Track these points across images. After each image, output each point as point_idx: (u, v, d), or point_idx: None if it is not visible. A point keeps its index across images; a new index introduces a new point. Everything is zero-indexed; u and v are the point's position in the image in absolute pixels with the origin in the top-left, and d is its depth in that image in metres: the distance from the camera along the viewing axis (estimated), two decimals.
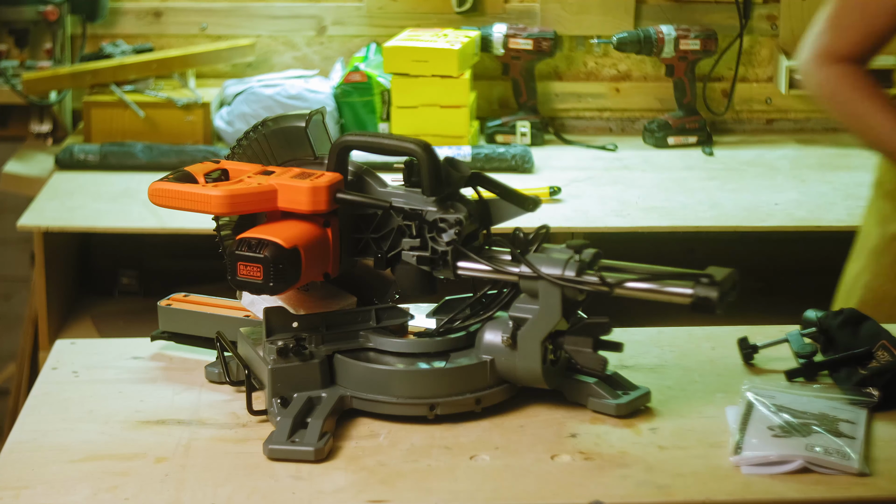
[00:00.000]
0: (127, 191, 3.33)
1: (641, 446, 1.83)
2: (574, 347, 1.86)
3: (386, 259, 1.94)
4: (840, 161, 3.63)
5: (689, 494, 1.71)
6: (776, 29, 3.84)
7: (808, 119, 3.92)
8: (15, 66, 3.76)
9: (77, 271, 3.69)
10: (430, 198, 1.91)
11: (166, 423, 1.89)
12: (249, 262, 1.85)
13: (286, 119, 2.03)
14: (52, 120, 3.79)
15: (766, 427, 1.83)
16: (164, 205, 1.93)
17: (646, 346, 2.14)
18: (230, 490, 1.71)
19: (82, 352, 2.12)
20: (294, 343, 1.89)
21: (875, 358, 2.00)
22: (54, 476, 1.75)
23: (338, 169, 1.94)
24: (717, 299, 1.77)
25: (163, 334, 2.11)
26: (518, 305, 1.87)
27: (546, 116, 3.82)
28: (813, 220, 3.20)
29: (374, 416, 1.89)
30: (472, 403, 1.88)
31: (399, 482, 1.74)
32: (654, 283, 1.81)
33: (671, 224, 3.17)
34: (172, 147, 3.51)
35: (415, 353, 1.91)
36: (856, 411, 1.89)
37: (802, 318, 2.14)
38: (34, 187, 3.44)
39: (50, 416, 1.91)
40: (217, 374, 1.99)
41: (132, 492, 1.71)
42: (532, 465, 1.78)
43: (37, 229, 3.19)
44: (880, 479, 1.74)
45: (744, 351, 2.09)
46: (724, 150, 3.73)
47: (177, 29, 3.89)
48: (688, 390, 1.99)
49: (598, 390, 1.90)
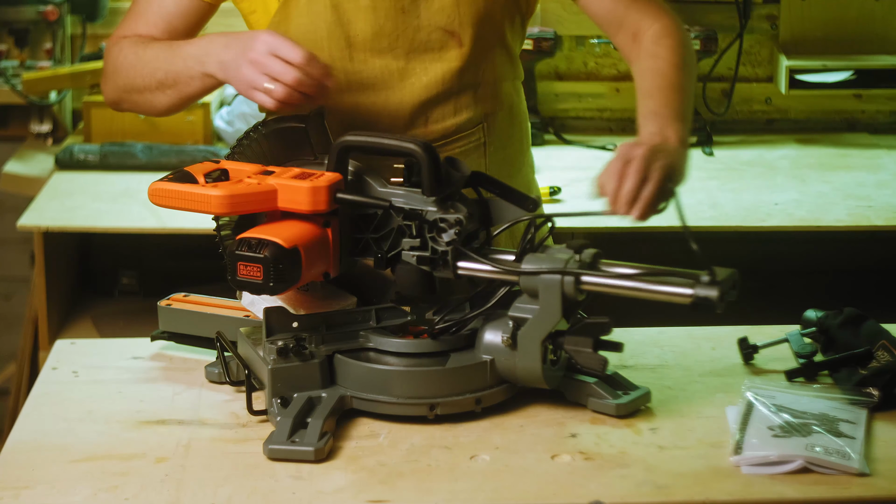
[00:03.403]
0: (127, 191, 3.33)
1: (641, 446, 1.83)
2: (574, 347, 1.86)
3: (386, 259, 1.94)
4: (840, 161, 3.63)
5: (689, 494, 1.71)
6: (776, 29, 3.84)
7: (808, 119, 3.92)
8: (15, 66, 3.76)
9: (77, 271, 3.69)
10: (430, 198, 1.91)
11: (166, 423, 1.89)
12: (249, 262, 1.85)
13: (286, 119, 2.04)
14: (52, 120, 3.79)
15: (767, 427, 1.83)
16: (164, 205, 1.93)
17: (646, 346, 2.14)
18: (230, 490, 1.71)
19: (82, 352, 2.12)
20: (294, 343, 1.89)
21: (875, 358, 2.00)
22: (54, 476, 1.75)
23: (338, 169, 1.94)
24: (717, 299, 1.77)
25: (163, 334, 2.11)
26: (518, 305, 1.87)
27: (546, 116, 3.82)
28: (813, 220, 3.20)
29: (374, 416, 1.89)
30: (472, 403, 1.88)
31: (399, 482, 1.73)
32: (655, 284, 1.81)
33: (671, 224, 3.16)
34: (172, 147, 3.51)
35: (415, 353, 1.90)
36: (856, 411, 1.89)
37: (802, 318, 2.14)
38: (34, 187, 3.44)
39: (50, 416, 1.91)
40: (217, 374, 1.99)
41: (132, 492, 1.71)
42: (532, 465, 1.78)
43: (37, 229, 3.19)
44: (880, 479, 1.74)
45: (744, 351, 2.09)
46: (724, 150, 3.73)
47: None
48: (688, 390, 1.99)
49: (598, 390, 1.90)
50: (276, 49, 1.97)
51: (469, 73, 2.15)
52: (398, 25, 2.11)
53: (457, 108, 2.15)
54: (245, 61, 1.99)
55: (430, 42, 2.12)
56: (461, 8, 2.12)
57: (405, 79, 2.13)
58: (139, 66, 2.15)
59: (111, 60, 2.20)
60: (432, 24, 2.12)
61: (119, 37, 2.22)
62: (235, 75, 2.01)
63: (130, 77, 2.16)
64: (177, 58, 2.11)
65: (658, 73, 2.10)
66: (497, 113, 2.20)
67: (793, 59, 3.71)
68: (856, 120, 3.91)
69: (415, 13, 2.11)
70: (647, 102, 2.08)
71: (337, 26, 2.11)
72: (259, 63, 1.97)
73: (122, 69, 2.17)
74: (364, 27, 2.11)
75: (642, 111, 2.07)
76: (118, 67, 2.18)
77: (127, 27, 2.23)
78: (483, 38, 2.15)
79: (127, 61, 2.17)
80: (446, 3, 2.12)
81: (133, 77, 2.16)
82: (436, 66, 2.13)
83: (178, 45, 2.13)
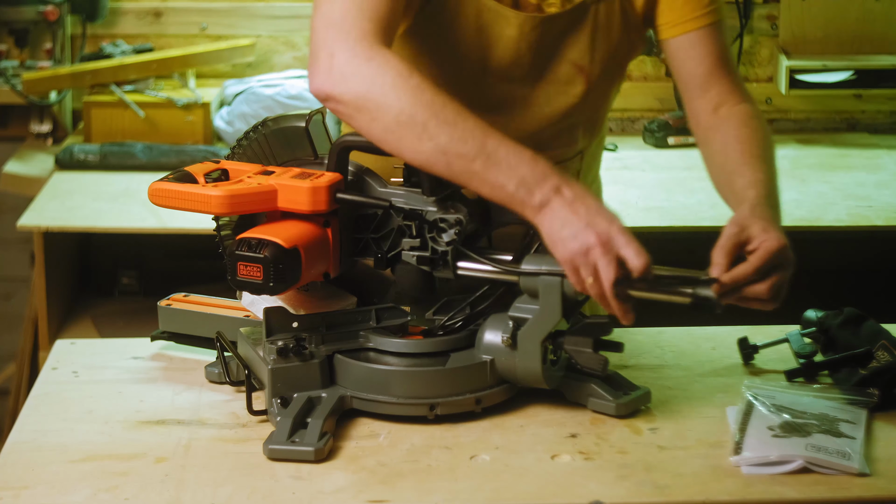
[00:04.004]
0: (127, 191, 3.33)
1: (641, 446, 1.83)
2: (574, 347, 1.86)
3: (386, 259, 1.94)
4: (840, 161, 3.64)
5: (689, 494, 1.71)
6: (776, 29, 3.84)
7: (808, 119, 3.92)
8: (15, 66, 3.76)
9: (77, 271, 3.70)
10: (430, 198, 1.91)
11: (166, 423, 1.89)
12: (249, 262, 1.85)
13: (286, 119, 2.04)
14: (52, 120, 3.79)
15: (766, 427, 1.83)
16: (164, 205, 1.93)
17: (646, 346, 2.14)
18: (230, 490, 1.71)
19: (82, 352, 2.12)
20: (294, 343, 1.89)
21: (875, 358, 2.00)
22: (54, 476, 1.75)
23: (338, 169, 1.94)
24: (717, 299, 1.77)
25: (163, 334, 2.11)
26: (518, 305, 1.87)
27: None
28: (813, 220, 3.20)
29: (374, 416, 1.88)
30: (472, 403, 1.88)
31: (399, 482, 1.73)
32: (654, 283, 1.80)
33: (671, 224, 3.17)
34: (172, 147, 3.51)
35: (415, 353, 1.90)
36: (856, 411, 1.89)
37: (802, 318, 2.14)
38: (34, 187, 3.44)
39: (50, 416, 1.91)
40: (217, 374, 1.99)
41: (132, 492, 1.71)
42: (532, 465, 1.78)
43: (37, 229, 3.19)
44: (880, 479, 1.74)
45: (744, 351, 2.09)
46: None
47: (177, 29, 3.89)
48: (688, 390, 1.99)
49: (598, 390, 1.90)
50: (621, 249, 1.78)
51: (588, 107, 2.13)
52: (536, 57, 2.07)
53: (571, 139, 2.14)
54: (582, 244, 1.78)
55: (559, 75, 2.09)
56: (596, 44, 2.09)
57: (528, 107, 2.09)
58: (450, 128, 1.82)
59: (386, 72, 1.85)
60: (565, 57, 2.08)
61: (371, 35, 1.88)
62: (560, 245, 1.79)
63: (417, 118, 1.83)
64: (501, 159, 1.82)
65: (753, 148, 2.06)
66: (594, 142, 2.20)
67: (793, 59, 3.71)
68: (856, 120, 3.91)
69: (554, 46, 2.08)
70: (747, 174, 2.01)
71: (477, 49, 2.05)
72: (593, 259, 1.78)
73: (407, 100, 1.83)
74: (504, 55, 2.06)
75: (743, 182, 1.99)
76: (399, 90, 1.84)
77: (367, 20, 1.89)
78: (608, 75, 2.13)
79: (423, 97, 1.83)
80: (582, 38, 2.08)
81: (422, 122, 1.83)
82: (560, 98, 2.09)
83: (502, 140, 1.83)
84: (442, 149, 1.82)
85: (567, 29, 2.08)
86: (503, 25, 2.05)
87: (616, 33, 2.10)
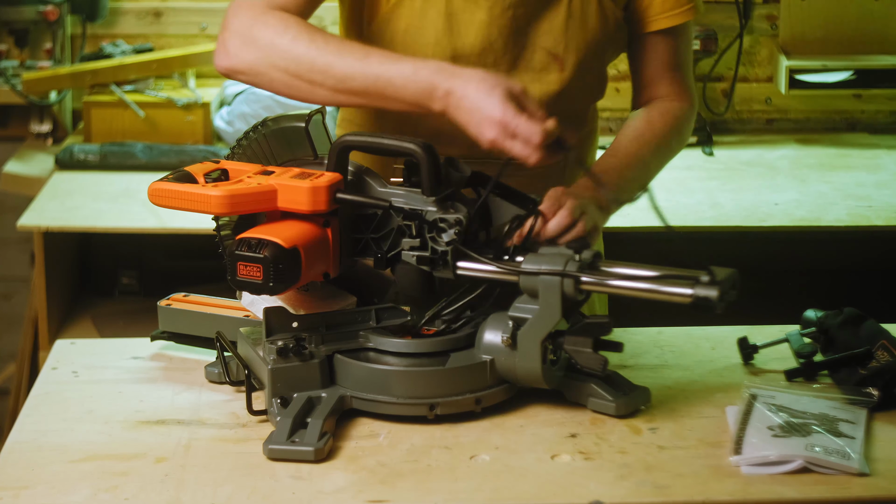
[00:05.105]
0: (127, 191, 3.33)
1: (641, 446, 1.83)
2: (574, 347, 1.86)
3: (386, 259, 1.94)
4: (840, 161, 3.64)
5: (689, 494, 1.71)
6: (776, 29, 3.84)
7: (808, 119, 3.92)
8: (15, 66, 3.76)
9: (77, 271, 3.69)
10: (430, 198, 1.91)
11: (166, 423, 1.89)
12: (249, 262, 1.85)
13: (286, 119, 2.04)
14: (52, 120, 3.80)
15: (766, 427, 1.83)
16: (163, 205, 1.93)
17: (646, 346, 2.14)
18: (230, 490, 1.71)
19: (82, 352, 2.12)
20: (294, 343, 1.89)
21: (875, 358, 2.00)
22: (54, 476, 1.75)
23: (338, 169, 1.94)
24: (717, 299, 1.77)
25: (163, 334, 2.11)
26: (518, 305, 1.87)
27: None
28: (813, 220, 3.20)
29: (374, 416, 1.89)
30: (472, 403, 1.88)
31: (399, 482, 1.73)
32: (654, 283, 1.81)
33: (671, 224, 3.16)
34: (172, 147, 3.51)
35: (415, 353, 1.90)
36: (856, 411, 1.89)
37: (802, 318, 2.14)
38: (34, 187, 3.44)
39: (50, 416, 1.91)
40: (217, 374, 1.99)
41: (132, 492, 1.71)
42: (532, 465, 1.78)
43: (37, 229, 3.19)
44: (880, 479, 1.74)
45: (744, 351, 2.09)
46: (724, 150, 3.73)
47: (177, 29, 3.89)
48: (688, 390, 1.99)
49: (598, 390, 1.90)
50: (523, 102, 1.89)
51: (566, 97, 2.14)
52: (507, 43, 2.10)
53: None
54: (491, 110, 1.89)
55: (533, 62, 2.12)
56: (569, 32, 2.11)
57: None
58: (320, 59, 1.97)
59: (264, 33, 2.00)
60: (538, 44, 2.11)
61: (264, 5, 2.03)
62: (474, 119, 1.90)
63: (303, 65, 1.97)
64: (381, 70, 1.96)
65: (637, 139, 2.18)
66: (579, 137, 2.21)
67: (793, 59, 3.71)
68: (856, 120, 3.91)
69: (525, 32, 2.11)
70: (608, 157, 2.17)
71: (446, 36, 2.09)
72: (506, 125, 1.88)
73: (288, 51, 1.99)
74: (474, 41, 2.10)
75: (599, 161, 2.16)
76: (278, 46, 1.99)
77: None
78: (585, 64, 2.15)
79: (299, 47, 1.98)
80: (555, 25, 2.11)
81: (308, 67, 1.97)
82: (534, 86, 2.11)
83: (385, 56, 1.98)
84: (334, 90, 1.98)
85: (538, 13, 2.11)
86: (473, 10, 2.09)
87: (592, 22, 2.14)
